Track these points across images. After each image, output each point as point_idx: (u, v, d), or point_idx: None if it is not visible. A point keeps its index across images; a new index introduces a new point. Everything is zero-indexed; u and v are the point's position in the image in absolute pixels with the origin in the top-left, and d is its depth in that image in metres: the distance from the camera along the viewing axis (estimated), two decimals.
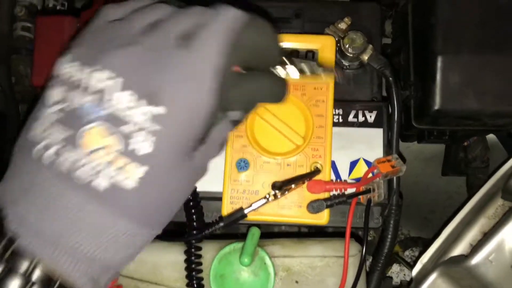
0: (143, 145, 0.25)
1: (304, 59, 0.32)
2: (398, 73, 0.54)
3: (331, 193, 0.44)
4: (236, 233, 0.55)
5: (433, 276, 0.49)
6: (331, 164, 0.46)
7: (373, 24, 0.53)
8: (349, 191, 0.44)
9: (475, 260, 0.45)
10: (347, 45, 0.49)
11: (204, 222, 0.46)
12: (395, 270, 0.75)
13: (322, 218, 0.44)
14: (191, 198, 0.46)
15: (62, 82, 0.26)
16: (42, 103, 0.27)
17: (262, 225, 0.49)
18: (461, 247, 0.49)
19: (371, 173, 0.45)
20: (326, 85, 0.46)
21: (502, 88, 0.45)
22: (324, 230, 0.56)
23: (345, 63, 0.52)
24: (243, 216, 0.43)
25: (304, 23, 0.53)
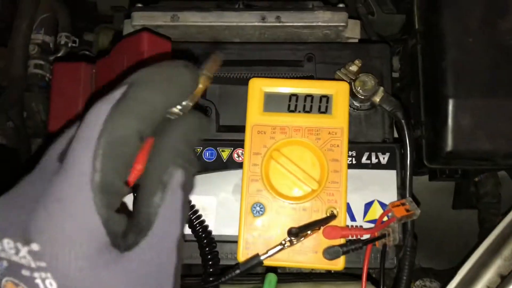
0: (47, 284, 0.23)
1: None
2: (408, 111, 0.54)
3: (347, 238, 0.45)
4: (251, 272, 0.55)
5: None
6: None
7: (383, 65, 0.54)
8: (365, 237, 0.45)
9: None
10: (359, 88, 0.50)
11: (220, 268, 0.46)
12: None
13: (338, 264, 0.44)
14: (207, 243, 0.46)
15: None
16: None
17: None
18: None
19: (386, 216, 0.45)
20: (341, 130, 0.46)
21: None
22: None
23: (356, 104, 0.52)
24: (260, 263, 0.43)
25: (316, 65, 0.54)
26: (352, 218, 0.48)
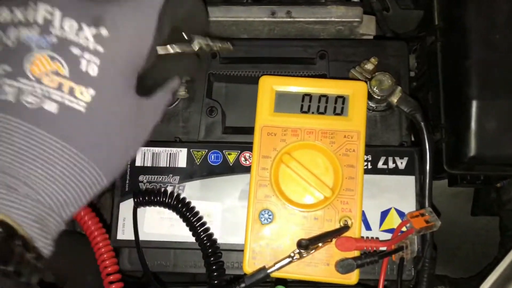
0: (89, 69, 0.26)
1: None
2: (426, 112, 0.51)
3: (362, 251, 0.42)
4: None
5: None
6: None
7: (400, 63, 0.51)
8: (381, 249, 0.42)
9: None
10: (375, 87, 0.47)
11: (225, 279, 0.43)
12: None
13: (352, 278, 0.41)
14: (212, 252, 0.43)
15: None
16: None
17: None
18: None
19: (404, 227, 0.42)
20: (357, 133, 0.43)
21: None
22: None
23: (372, 105, 0.49)
24: (266, 277, 0.41)
25: (329, 63, 0.50)
26: (368, 227, 0.45)
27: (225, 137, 0.50)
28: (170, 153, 0.48)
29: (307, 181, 0.43)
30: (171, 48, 0.32)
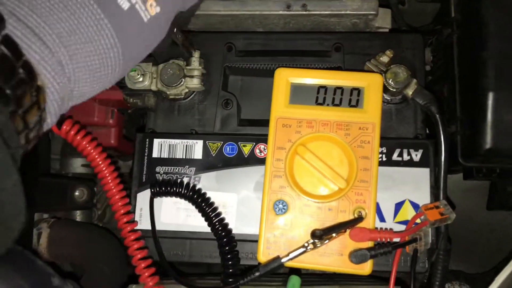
0: None
1: None
2: (442, 105, 0.51)
3: (375, 241, 0.42)
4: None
5: None
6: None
7: (416, 56, 0.51)
8: (395, 240, 0.42)
9: None
10: (390, 80, 0.47)
11: (240, 269, 0.44)
12: None
13: (365, 268, 0.41)
14: (227, 241, 0.44)
15: None
16: None
17: None
18: None
19: (419, 219, 0.42)
20: (372, 125, 0.43)
21: None
22: None
23: (387, 97, 0.49)
24: (280, 266, 0.41)
25: (344, 56, 0.50)
26: (382, 219, 0.45)
27: (240, 129, 0.51)
28: (186, 145, 0.49)
29: (322, 172, 0.43)
30: None
